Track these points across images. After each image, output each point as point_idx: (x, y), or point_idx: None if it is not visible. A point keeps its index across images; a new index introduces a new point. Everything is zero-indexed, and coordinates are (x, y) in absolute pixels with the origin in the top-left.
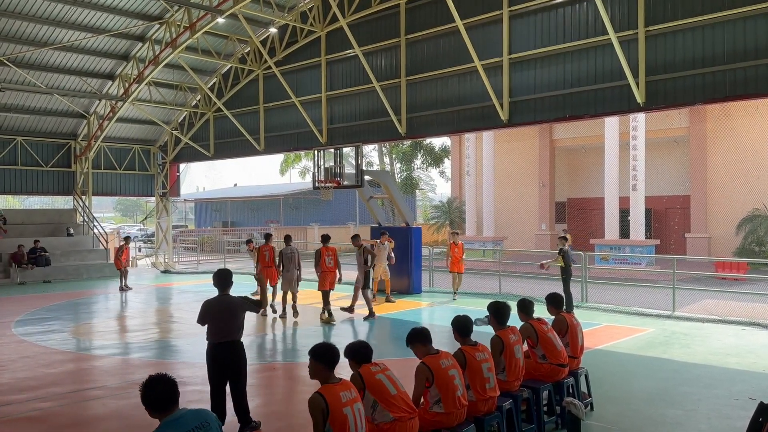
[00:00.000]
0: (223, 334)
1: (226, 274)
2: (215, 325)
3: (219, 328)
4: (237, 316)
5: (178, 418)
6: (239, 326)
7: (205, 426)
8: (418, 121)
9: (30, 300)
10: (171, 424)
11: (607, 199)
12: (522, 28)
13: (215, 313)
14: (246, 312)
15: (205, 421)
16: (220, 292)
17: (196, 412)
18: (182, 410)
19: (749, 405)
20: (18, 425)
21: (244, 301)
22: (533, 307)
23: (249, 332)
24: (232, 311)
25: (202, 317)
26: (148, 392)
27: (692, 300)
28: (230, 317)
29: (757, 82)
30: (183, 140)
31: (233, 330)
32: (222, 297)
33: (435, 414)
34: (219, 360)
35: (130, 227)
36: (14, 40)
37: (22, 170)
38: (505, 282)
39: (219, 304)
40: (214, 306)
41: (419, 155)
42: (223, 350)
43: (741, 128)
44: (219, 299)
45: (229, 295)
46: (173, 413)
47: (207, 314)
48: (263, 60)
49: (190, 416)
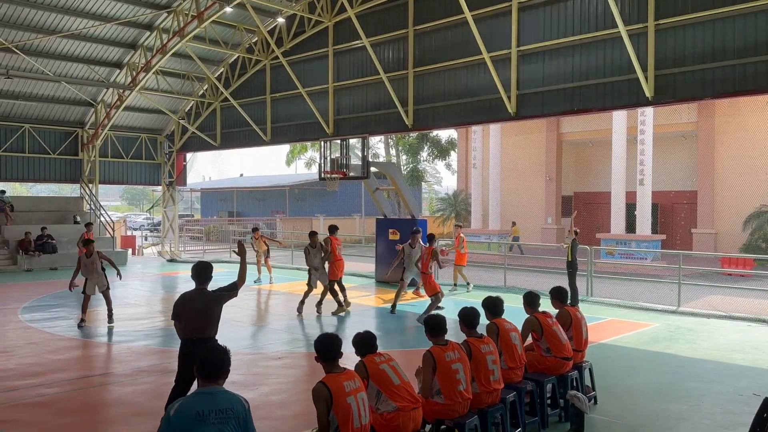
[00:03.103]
0: (196, 331)
1: (205, 268)
2: (188, 321)
3: (192, 324)
4: (212, 310)
5: (212, 393)
6: (214, 322)
7: (228, 412)
8: (425, 113)
9: (36, 287)
10: (203, 394)
11: (613, 194)
12: (531, 20)
13: (189, 308)
14: (224, 303)
15: (231, 408)
16: (197, 285)
17: (230, 397)
18: (220, 389)
19: (754, 401)
20: (24, 410)
21: (219, 293)
22: (539, 300)
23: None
24: (206, 306)
25: (176, 312)
26: (204, 356)
27: (698, 295)
28: (204, 312)
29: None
30: (190, 130)
31: (207, 326)
32: (197, 291)
33: (435, 404)
34: (191, 358)
35: (137, 216)
36: (23, 27)
37: (29, 158)
38: (510, 275)
39: (193, 298)
40: (187, 300)
41: (426, 147)
42: (196, 348)
43: (750, 124)
44: (194, 293)
45: (205, 290)
46: (210, 387)
47: (181, 309)
48: (270, 50)
49: (222, 398)
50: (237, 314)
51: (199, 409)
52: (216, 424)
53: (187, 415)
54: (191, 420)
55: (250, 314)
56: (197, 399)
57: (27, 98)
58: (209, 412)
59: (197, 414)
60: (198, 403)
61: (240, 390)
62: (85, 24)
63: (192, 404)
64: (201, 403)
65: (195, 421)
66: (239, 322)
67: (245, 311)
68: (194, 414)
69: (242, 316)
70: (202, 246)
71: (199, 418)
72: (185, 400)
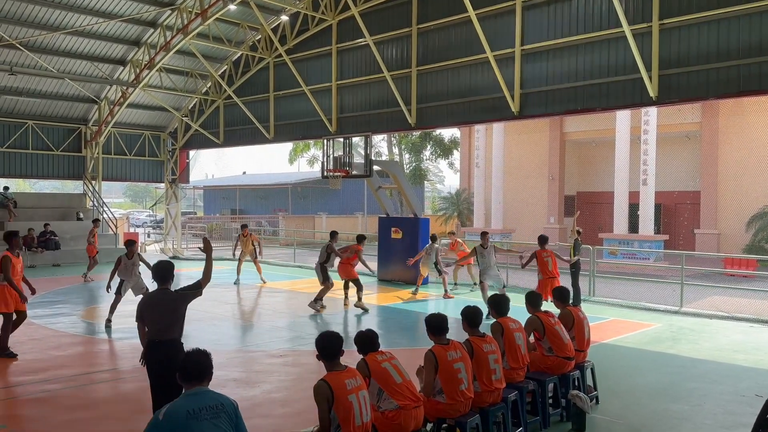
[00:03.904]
0: (161, 332)
1: (167, 267)
2: (152, 322)
3: (157, 325)
4: (176, 311)
5: (198, 393)
6: (179, 322)
7: (219, 407)
8: (428, 111)
9: (39, 283)
10: (189, 396)
11: (616, 194)
12: (535, 19)
13: (153, 308)
14: (188, 302)
15: (221, 403)
16: (159, 285)
17: (218, 395)
18: (205, 389)
19: (756, 402)
20: (26, 406)
21: (183, 293)
22: (541, 299)
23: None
24: (170, 306)
25: (140, 314)
26: (184, 361)
27: (700, 296)
28: (168, 313)
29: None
30: (193, 127)
31: (171, 327)
32: (160, 291)
33: (437, 403)
34: (157, 360)
35: (140, 213)
36: (26, 24)
37: (33, 154)
38: (512, 275)
39: (156, 299)
40: (151, 301)
41: (428, 146)
42: (161, 349)
43: (754, 124)
44: (157, 294)
45: (168, 290)
46: (196, 388)
47: (144, 310)
48: (274, 48)
49: (209, 395)
50: (238, 312)
51: (189, 408)
52: (209, 419)
53: (177, 416)
54: (183, 419)
55: (251, 312)
56: (185, 400)
57: (31, 95)
58: (200, 409)
59: (188, 413)
60: (187, 403)
61: (242, 387)
62: (89, 21)
63: (181, 405)
64: (190, 403)
65: (187, 419)
66: (241, 319)
67: (246, 309)
68: (184, 413)
69: (243, 314)
70: None
71: (192, 416)
72: (173, 403)
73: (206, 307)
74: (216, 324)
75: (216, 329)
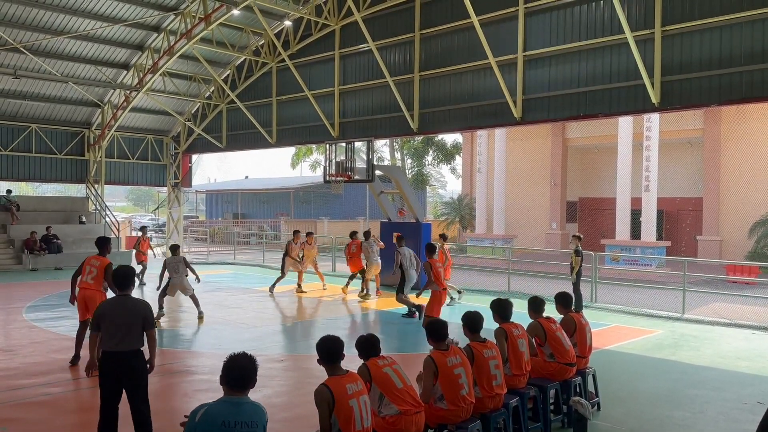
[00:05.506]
0: (117, 341)
1: (128, 273)
2: (109, 331)
3: (114, 333)
4: (136, 320)
5: (239, 404)
6: (138, 332)
7: (252, 426)
8: (430, 116)
9: (41, 286)
10: (228, 403)
11: (618, 200)
12: (537, 25)
13: (112, 317)
14: (145, 323)
15: (255, 422)
16: (120, 292)
17: (255, 409)
18: (246, 400)
19: (758, 409)
20: (28, 409)
21: (145, 311)
22: (544, 305)
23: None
24: (131, 315)
25: (96, 321)
26: (228, 364)
27: (702, 302)
28: (128, 322)
29: None
30: (196, 131)
31: (129, 337)
32: (121, 298)
33: (439, 409)
34: (111, 371)
35: (142, 216)
36: (31, 27)
37: (36, 157)
38: (514, 280)
39: (116, 306)
40: (110, 309)
41: (431, 151)
42: (117, 360)
43: (756, 131)
44: (117, 301)
45: (129, 296)
46: (237, 396)
47: (102, 318)
48: (277, 53)
49: (248, 409)
50: (240, 316)
51: (225, 419)
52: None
53: (213, 422)
54: (217, 428)
55: (252, 316)
56: (224, 407)
57: (34, 98)
58: (235, 423)
59: (223, 423)
60: (224, 411)
61: None
62: (92, 25)
63: (218, 412)
64: (227, 413)
65: (220, 430)
66: (242, 324)
67: (248, 313)
68: (219, 423)
69: (245, 318)
70: (207, 247)
71: (225, 428)
72: (211, 406)
73: (208, 311)
74: (216, 328)
75: (216, 332)
